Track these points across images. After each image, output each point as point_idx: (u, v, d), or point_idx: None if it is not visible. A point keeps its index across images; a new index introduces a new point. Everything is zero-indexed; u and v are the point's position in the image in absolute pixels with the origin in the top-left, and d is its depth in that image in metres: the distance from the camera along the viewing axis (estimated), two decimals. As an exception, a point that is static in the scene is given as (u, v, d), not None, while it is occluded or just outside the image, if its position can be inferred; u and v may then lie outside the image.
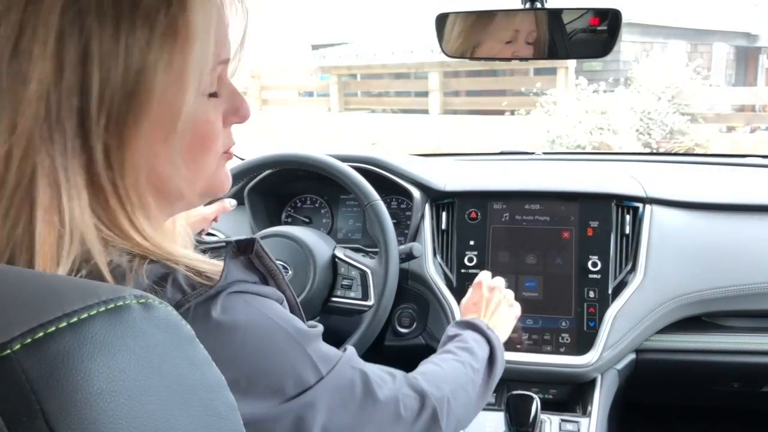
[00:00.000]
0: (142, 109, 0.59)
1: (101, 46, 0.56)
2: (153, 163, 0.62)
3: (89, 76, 0.56)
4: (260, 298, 0.67)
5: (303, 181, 1.83)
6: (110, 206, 0.60)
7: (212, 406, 0.43)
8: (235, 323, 0.63)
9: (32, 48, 0.55)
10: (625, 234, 1.56)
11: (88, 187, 0.59)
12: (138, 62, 0.58)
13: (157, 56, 0.58)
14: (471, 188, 1.67)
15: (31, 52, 0.55)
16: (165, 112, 0.60)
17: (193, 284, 0.61)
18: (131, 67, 0.57)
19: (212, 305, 0.62)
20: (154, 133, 0.61)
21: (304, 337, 0.70)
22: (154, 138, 0.61)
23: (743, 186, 1.74)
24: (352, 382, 0.74)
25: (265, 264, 0.70)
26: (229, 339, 0.63)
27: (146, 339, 0.40)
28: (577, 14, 1.35)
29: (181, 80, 0.60)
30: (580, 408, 1.47)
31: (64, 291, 0.39)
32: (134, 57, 0.57)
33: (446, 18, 1.40)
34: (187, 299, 0.60)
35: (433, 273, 1.59)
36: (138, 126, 0.59)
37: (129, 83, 0.58)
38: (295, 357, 0.68)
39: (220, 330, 0.62)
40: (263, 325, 0.66)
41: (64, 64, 0.55)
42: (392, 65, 14.10)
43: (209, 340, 0.58)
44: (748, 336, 1.54)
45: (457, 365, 1.02)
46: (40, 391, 0.34)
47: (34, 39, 0.55)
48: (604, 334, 1.46)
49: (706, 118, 10.68)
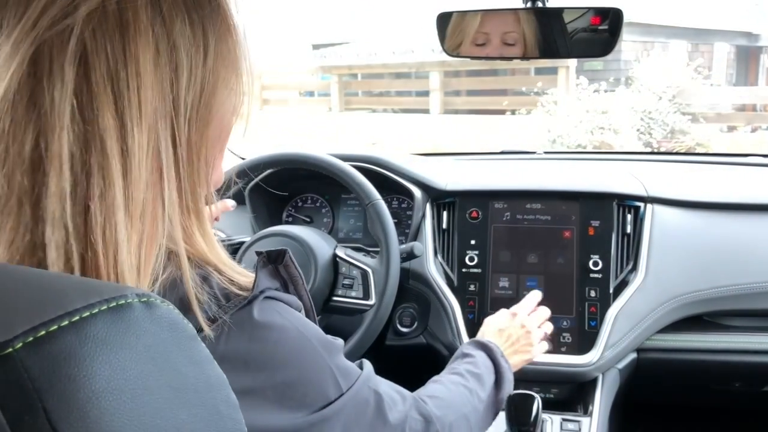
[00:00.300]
0: (212, 111, 0.63)
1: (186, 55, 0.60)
2: (210, 160, 0.66)
3: (180, 80, 0.60)
4: (287, 307, 0.69)
5: (304, 180, 1.83)
6: (188, 208, 0.63)
7: (214, 405, 0.43)
8: (272, 324, 0.66)
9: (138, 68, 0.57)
10: (627, 233, 1.56)
11: (178, 190, 0.61)
12: (208, 70, 0.62)
13: (217, 64, 0.63)
14: (472, 187, 1.67)
15: (138, 73, 0.57)
16: (225, 114, 0.66)
17: (228, 294, 0.64)
18: (207, 72, 0.62)
19: (252, 308, 0.65)
20: (218, 129, 0.66)
21: (328, 350, 0.72)
22: (215, 137, 0.66)
23: (745, 185, 1.74)
24: (366, 402, 0.76)
25: (289, 272, 0.73)
26: (267, 337, 0.65)
27: (148, 337, 0.40)
28: (578, 13, 1.35)
29: (232, 78, 0.66)
30: (581, 407, 1.47)
31: (66, 289, 0.39)
32: (208, 63, 0.62)
33: (447, 17, 1.40)
34: (224, 311, 0.63)
35: (434, 272, 1.60)
36: (209, 124, 0.64)
37: (206, 85, 0.62)
38: (319, 370, 0.70)
39: (261, 330, 0.65)
40: (293, 336, 0.68)
41: (163, 73, 0.58)
42: (393, 65, 14.10)
43: (253, 341, 0.63)
44: (750, 335, 1.54)
45: (465, 392, 1.03)
46: (42, 389, 0.34)
47: (137, 63, 0.56)
48: (605, 333, 1.46)
49: (707, 117, 10.67)
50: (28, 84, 0.53)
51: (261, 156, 1.57)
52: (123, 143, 0.55)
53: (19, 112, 0.53)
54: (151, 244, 0.58)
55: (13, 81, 0.53)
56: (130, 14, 0.56)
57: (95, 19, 0.54)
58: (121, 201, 0.55)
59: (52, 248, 0.53)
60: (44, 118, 0.53)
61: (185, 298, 0.62)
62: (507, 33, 1.38)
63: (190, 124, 0.62)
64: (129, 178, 0.56)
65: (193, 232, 0.64)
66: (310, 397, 0.68)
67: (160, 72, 0.58)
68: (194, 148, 0.62)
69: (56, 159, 0.53)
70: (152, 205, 0.58)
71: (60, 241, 0.53)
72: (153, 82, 0.57)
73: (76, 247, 0.53)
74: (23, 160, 0.53)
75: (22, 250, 0.54)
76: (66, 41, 0.54)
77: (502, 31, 1.39)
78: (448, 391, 1.02)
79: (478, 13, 1.40)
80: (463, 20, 1.40)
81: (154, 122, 0.58)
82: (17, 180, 0.53)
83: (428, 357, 1.59)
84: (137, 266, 0.57)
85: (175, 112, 0.60)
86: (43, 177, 0.53)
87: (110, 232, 0.54)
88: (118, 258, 0.55)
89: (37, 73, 0.53)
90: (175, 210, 0.61)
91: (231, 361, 0.63)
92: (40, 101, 0.53)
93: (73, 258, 0.53)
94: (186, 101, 0.61)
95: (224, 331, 0.62)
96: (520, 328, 1.30)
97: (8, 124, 0.53)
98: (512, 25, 1.37)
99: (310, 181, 1.82)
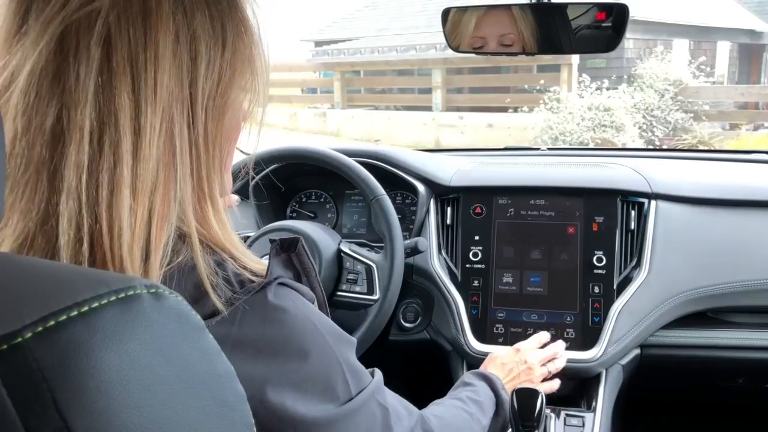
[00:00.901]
0: (228, 102, 0.66)
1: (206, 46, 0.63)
2: (225, 149, 0.68)
3: (197, 69, 0.62)
4: (300, 296, 0.70)
5: (308, 175, 1.83)
6: (203, 193, 0.65)
7: (221, 396, 0.43)
8: (286, 307, 0.67)
9: (157, 52, 0.59)
10: (630, 229, 1.56)
11: (191, 174, 0.64)
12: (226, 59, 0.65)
13: (234, 59, 0.66)
14: (476, 183, 1.67)
15: (157, 57, 0.59)
16: (238, 108, 0.69)
17: (242, 280, 0.65)
18: (224, 64, 0.65)
19: (266, 292, 0.66)
20: (232, 122, 0.68)
21: (340, 344, 0.72)
22: (229, 128, 0.68)
23: (749, 181, 1.74)
24: (374, 415, 0.76)
25: (302, 262, 0.75)
26: (281, 319, 0.66)
27: (156, 328, 0.40)
28: (583, 9, 1.35)
29: (247, 74, 0.68)
30: (584, 403, 1.47)
31: (75, 280, 0.39)
32: (226, 54, 0.65)
33: (452, 13, 1.40)
34: (237, 297, 0.64)
35: (438, 268, 1.60)
36: (225, 115, 0.66)
37: (223, 76, 0.65)
38: (329, 362, 0.70)
39: (275, 311, 0.66)
40: (305, 325, 0.69)
41: (181, 60, 0.61)
42: (395, 62, 14.10)
43: (267, 324, 0.64)
44: (753, 332, 1.54)
45: (466, 416, 1.06)
46: (51, 379, 0.34)
47: (156, 47, 0.59)
48: (608, 329, 1.46)
49: (710, 115, 10.66)
50: (55, 61, 0.57)
51: (265, 151, 1.57)
52: (136, 122, 0.58)
53: (45, 87, 0.57)
54: (161, 222, 0.60)
55: (41, 58, 0.57)
56: (153, 2, 0.59)
57: (120, 4, 0.58)
58: (128, 177, 0.57)
59: (65, 218, 0.56)
60: (68, 93, 0.56)
61: (201, 282, 0.62)
62: (507, 34, 1.38)
63: (207, 112, 0.64)
64: (139, 155, 0.58)
65: (208, 217, 0.66)
66: (320, 387, 0.68)
67: (179, 59, 0.61)
68: (210, 136, 0.65)
69: (77, 131, 0.56)
70: (164, 185, 0.60)
71: (72, 211, 0.56)
72: (170, 67, 0.60)
73: (86, 219, 0.56)
74: (44, 132, 0.57)
75: (36, 220, 0.57)
76: (93, 23, 0.57)
77: (506, 27, 1.38)
78: (451, 414, 1.04)
79: (483, 8, 1.39)
80: (468, 16, 1.40)
81: (169, 105, 0.60)
82: (36, 151, 0.57)
83: (432, 352, 1.60)
84: (145, 242, 0.59)
85: (192, 99, 0.62)
86: (63, 148, 0.56)
87: (116, 207, 0.57)
88: (121, 233, 0.57)
89: (64, 52, 0.57)
90: (188, 192, 0.63)
91: (244, 346, 0.64)
92: (65, 77, 0.57)
93: (83, 229, 0.56)
94: (204, 89, 0.63)
95: (238, 315, 0.63)
96: (523, 363, 1.32)
97: (33, 98, 0.57)
98: (517, 21, 1.37)
99: (314, 176, 1.82)
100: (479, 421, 1.07)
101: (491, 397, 1.15)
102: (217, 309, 0.62)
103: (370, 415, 0.75)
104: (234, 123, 0.69)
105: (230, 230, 0.69)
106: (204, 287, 0.62)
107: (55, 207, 0.56)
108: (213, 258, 0.65)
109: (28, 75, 0.57)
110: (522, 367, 1.31)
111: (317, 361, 0.68)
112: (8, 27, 0.59)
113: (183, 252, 0.62)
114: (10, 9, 0.60)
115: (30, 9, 0.58)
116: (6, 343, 0.34)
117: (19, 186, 0.57)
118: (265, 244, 1.49)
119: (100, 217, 0.57)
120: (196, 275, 0.63)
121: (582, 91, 10.15)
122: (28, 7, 0.58)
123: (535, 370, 1.33)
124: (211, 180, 0.66)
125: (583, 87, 10.20)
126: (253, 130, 0.73)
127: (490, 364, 1.33)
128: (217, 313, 0.62)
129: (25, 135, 0.57)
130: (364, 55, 14.67)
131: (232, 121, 0.68)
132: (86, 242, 0.56)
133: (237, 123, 0.70)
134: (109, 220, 0.57)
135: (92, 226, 0.56)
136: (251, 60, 0.69)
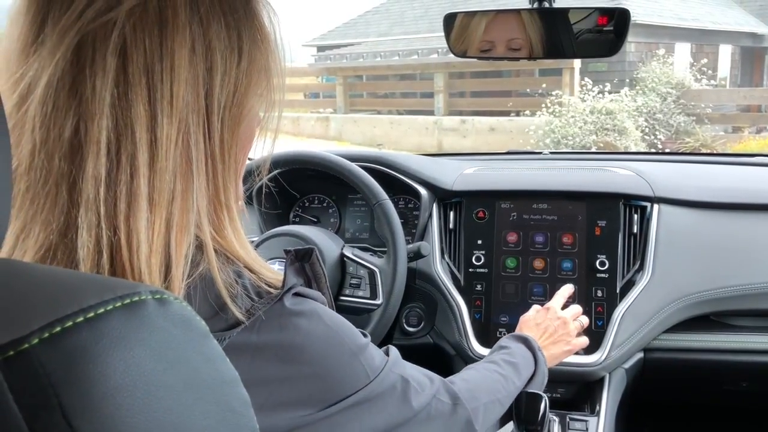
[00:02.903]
0: (244, 112, 0.66)
1: (221, 56, 0.63)
2: (240, 159, 0.68)
3: (213, 79, 0.62)
4: (314, 302, 0.70)
5: (311, 180, 1.83)
6: (219, 203, 0.65)
7: (226, 402, 0.43)
8: (302, 312, 0.67)
9: (173, 63, 0.59)
10: (633, 233, 1.56)
11: (207, 184, 0.64)
12: (241, 74, 0.65)
13: (251, 68, 0.66)
14: (478, 188, 1.67)
15: (173, 68, 0.59)
16: (254, 117, 0.69)
17: (260, 291, 0.66)
18: (240, 74, 0.65)
19: (284, 300, 0.66)
20: (247, 131, 0.68)
21: (357, 344, 0.73)
22: (245, 137, 0.68)
23: (751, 185, 1.74)
24: (393, 387, 0.77)
25: (314, 270, 0.75)
26: (298, 325, 0.66)
27: (162, 334, 0.40)
28: (584, 14, 1.35)
29: (263, 84, 0.68)
30: (588, 407, 1.47)
31: (81, 286, 0.39)
32: (242, 66, 0.65)
33: (454, 18, 1.40)
34: (257, 306, 0.64)
35: (441, 272, 1.60)
36: (240, 124, 0.66)
37: (239, 86, 0.65)
38: (348, 364, 0.71)
39: (292, 317, 0.66)
40: (321, 330, 0.69)
41: (197, 70, 0.61)
42: (397, 66, 14.11)
43: (284, 330, 0.64)
44: (757, 335, 1.54)
45: (499, 378, 1.04)
46: (58, 385, 0.34)
47: (172, 58, 0.59)
48: (612, 333, 1.46)
49: (712, 118, 10.66)
50: (71, 72, 0.56)
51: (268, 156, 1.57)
52: (152, 134, 0.58)
53: (62, 99, 0.56)
54: (181, 234, 0.60)
55: (57, 68, 0.56)
56: (169, 12, 0.59)
57: (136, 14, 0.58)
58: (144, 189, 0.57)
59: (84, 230, 0.56)
60: (85, 105, 0.56)
61: (219, 293, 0.63)
62: (512, 39, 1.39)
63: (223, 122, 0.64)
64: (155, 167, 0.58)
65: (225, 226, 0.66)
66: (339, 388, 0.69)
67: (195, 69, 0.60)
68: (225, 145, 0.65)
69: (94, 144, 0.56)
70: (182, 196, 0.60)
71: (91, 223, 0.56)
72: (187, 78, 0.60)
73: (105, 231, 0.56)
74: (62, 144, 0.56)
75: (57, 231, 0.57)
76: (109, 33, 0.57)
77: (506, 38, 1.39)
78: (482, 377, 1.02)
79: (484, 16, 1.40)
80: (470, 21, 1.40)
81: (185, 116, 0.60)
82: (55, 164, 0.56)
83: (435, 357, 1.60)
84: (165, 253, 0.59)
85: (208, 109, 0.62)
86: (81, 161, 0.56)
87: (133, 219, 0.57)
88: (139, 245, 0.57)
89: (80, 62, 0.56)
90: (204, 202, 0.63)
91: (264, 352, 0.64)
92: (81, 89, 0.56)
93: (103, 240, 0.56)
94: (219, 100, 0.63)
95: (257, 324, 0.63)
96: (556, 320, 1.30)
97: (50, 109, 0.56)
98: (519, 26, 1.37)
99: (317, 181, 1.83)
100: (513, 382, 1.06)
101: (528, 357, 1.14)
102: (239, 319, 0.62)
103: (388, 390, 0.76)
104: (249, 131, 0.69)
105: (245, 239, 0.70)
106: (223, 299, 0.62)
107: (75, 219, 0.56)
108: (232, 268, 0.65)
109: (45, 86, 0.56)
110: (557, 323, 1.29)
111: (335, 363, 0.69)
112: (25, 37, 0.59)
113: (203, 263, 0.63)
114: (27, 19, 0.59)
115: (47, 19, 0.58)
116: (13, 349, 0.35)
117: (39, 198, 0.57)
118: (268, 248, 1.50)
119: (119, 229, 0.57)
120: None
121: (584, 95, 10.15)
122: (44, 17, 0.58)
123: (569, 324, 1.31)
124: (227, 189, 0.66)
125: (585, 90, 10.20)
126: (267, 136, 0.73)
127: (524, 326, 1.30)
128: (240, 323, 0.62)
129: (43, 147, 0.57)
130: (366, 60, 14.69)
131: (247, 130, 0.69)
132: (105, 254, 0.56)
133: (252, 131, 0.70)
134: (127, 233, 0.57)
135: (111, 238, 0.56)
136: (267, 69, 0.68)
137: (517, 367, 1.10)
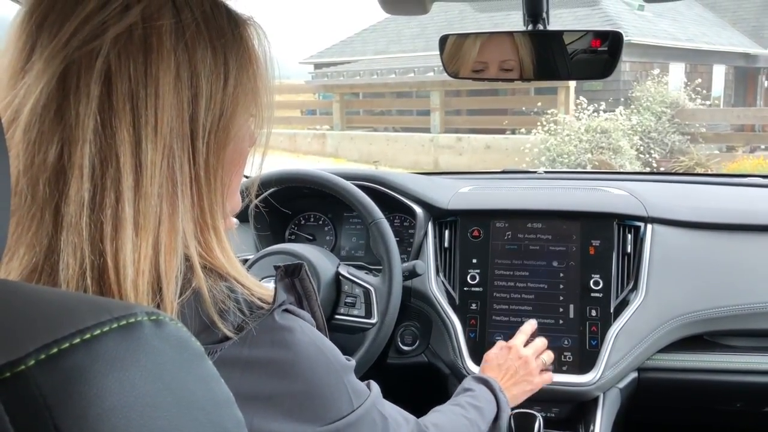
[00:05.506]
0: (230, 136, 0.66)
1: (207, 81, 0.63)
2: (226, 181, 0.69)
3: (198, 104, 0.62)
4: (302, 321, 0.71)
5: (307, 198, 1.83)
6: (206, 224, 0.66)
7: (220, 423, 0.43)
8: (293, 328, 0.68)
9: (158, 89, 0.60)
10: (627, 253, 1.56)
11: (192, 207, 0.64)
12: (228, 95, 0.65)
13: (237, 91, 0.66)
14: (473, 207, 1.68)
15: (157, 94, 0.60)
16: (242, 139, 0.69)
17: (251, 306, 0.66)
18: (226, 98, 0.65)
19: (274, 316, 0.66)
20: (235, 153, 0.69)
21: (343, 366, 0.74)
22: (231, 160, 0.68)
23: (745, 205, 1.74)
24: (374, 423, 0.77)
25: (304, 287, 0.76)
26: (288, 341, 0.67)
27: (157, 355, 0.40)
28: (578, 35, 1.36)
29: (251, 106, 0.69)
30: (582, 427, 1.46)
31: (77, 307, 0.40)
32: (228, 88, 0.65)
33: (450, 39, 1.41)
34: (246, 322, 0.65)
35: (436, 291, 1.60)
36: (226, 147, 0.66)
37: (225, 110, 0.65)
38: (334, 384, 0.71)
39: (282, 332, 0.67)
40: (310, 349, 0.69)
41: (182, 96, 0.61)
42: (394, 84, 14.17)
43: (275, 346, 0.65)
44: (751, 356, 1.54)
45: (465, 422, 1.06)
46: (53, 406, 0.35)
47: (156, 85, 0.60)
48: (606, 352, 1.46)
49: (706, 137, 10.71)
50: (56, 98, 0.57)
51: (264, 174, 1.57)
52: (136, 159, 0.59)
53: (46, 124, 0.57)
54: (170, 255, 0.61)
55: (42, 95, 0.57)
56: (154, 39, 0.60)
57: (122, 42, 0.58)
58: (130, 213, 0.58)
59: (68, 253, 0.56)
60: (69, 131, 0.57)
61: (207, 310, 0.63)
62: (505, 60, 1.40)
63: (208, 146, 0.64)
64: (140, 191, 0.59)
65: (212, 247, 0.66)
66: (325, 409, 0.69)
67: (179, 95, 0.61)
68: (211, 169, 0.65)
69: (77, 169, 0.57)
70: (169, 219, 0.61)
71: (75, 246, 0.57)
72: (171, 104, 0.60)
73: (89, 253, 0.57)
74: (46, 169, 0.57)
75: (42, 253, 0.57)
76: (93, 61, 0.57)
77: (503, 54, 1.40)
78: (449, 420, 1.04)
79: (480, 35, 1.41)
80: (465, 43, 1.41)
81: (170, 141, 0.60)
82: (40, 188, 0.57)
83: (430, 375, 1.59)
84: (155, 275, 0.60)
85: (193, 134, 0.62)
86: (64, 185, 0.57)
87: (119, 243, 0.57)
88: (125, 269, 0.57)
89: (65, 89, 0.57)
90: (189, 225, 0.63)
91: (254, 367, 0.64)
92: (66, 115, 0.57)
93: (86, 263, 0.57)
94: (204, 125, 0.63)
95: (248, 338, 0.64)
96: (518, 360, 1.33)
97: (35, 135, 0.57)
98: (513, 48, 1.38)
99: (312, 199, 1.83)
100: (478, 426, 1.08)
101: (491, 399, 1.15)
102: (228, 334, 0.63)
103: (370, 424, 0.76)
104: (237, 153, 0.70)
105: (234, 258, 0.70)
106: (210, 316, 0.63)
107: (59, 242, 0.57)
108: (224, 284, 0.66)
109: (29, 112, 0.57)
110: (518, 363, 1.31)
111: (322, 382, 0.69)
112: (15, 63, 0.60)
113: (194, 281, 0.63)
114: (17, 45, 0.60)
115: (36, 45, 0.59)
116: (9, 371, 0.35)
117: (24, 220, 0.58)
118: (263, 266, 1.49)
119: (105, 252, 0.57)
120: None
121: (579, 114, 10.20)
122: (33, 43, 0.59)
123: (531, 363, 1.33)
124: (213, 211, 0.66)
125: (580, 109, 10.25)
126: (256, 154, 0.74)
127: (486, 368, 1.33)
128: (229, 337, 0.63)
129: (27, 172, 0.58)
130: (363, 78, 14.74)
131: (234, 153, 0.69)
132: (89, 276, 0.57)
133: (240, 152, 0.71)
134: (114, 256, 0.57)
135: (95, 261, 0.57)
136: (255, 92, 0.69)
137: (482, 411, 1.11)
